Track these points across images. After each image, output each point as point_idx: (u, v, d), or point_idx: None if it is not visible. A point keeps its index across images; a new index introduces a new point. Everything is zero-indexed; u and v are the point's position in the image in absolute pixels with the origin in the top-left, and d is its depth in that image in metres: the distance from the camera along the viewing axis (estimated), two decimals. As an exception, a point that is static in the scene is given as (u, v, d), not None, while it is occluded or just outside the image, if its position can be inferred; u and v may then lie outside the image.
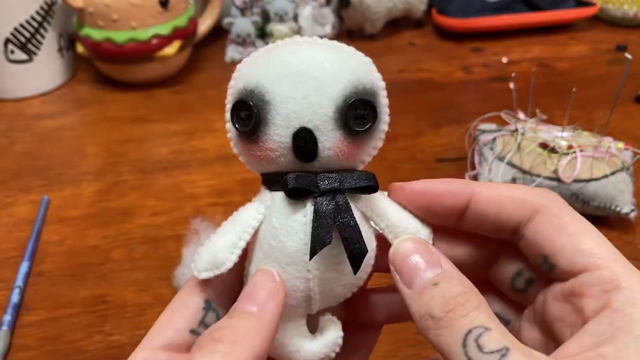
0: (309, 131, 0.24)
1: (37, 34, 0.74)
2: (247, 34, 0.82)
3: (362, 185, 0.25)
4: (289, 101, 0.24)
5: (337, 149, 0.24)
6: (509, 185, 0.27)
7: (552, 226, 0.25)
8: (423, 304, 0.24)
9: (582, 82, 0.76)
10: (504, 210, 0.26)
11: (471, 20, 0.87)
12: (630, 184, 0.53)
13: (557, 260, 0.24)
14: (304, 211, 0.25)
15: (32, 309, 0.46)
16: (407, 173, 0.60)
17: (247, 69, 0.25)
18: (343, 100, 0.24)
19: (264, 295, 0.25)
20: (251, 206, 0.26)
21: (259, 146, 0.24)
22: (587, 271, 0.24)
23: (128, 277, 0.49)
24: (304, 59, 0.24)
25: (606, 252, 0.24)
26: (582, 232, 0.25)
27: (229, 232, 0.26)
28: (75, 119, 0.73)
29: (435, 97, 0.75)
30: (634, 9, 0.89)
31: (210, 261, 0.25)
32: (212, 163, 0.63)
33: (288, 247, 0.25)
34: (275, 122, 0.24)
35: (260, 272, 0.25)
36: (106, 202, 0.58)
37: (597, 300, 0.23)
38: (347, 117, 0.24)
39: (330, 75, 0.24)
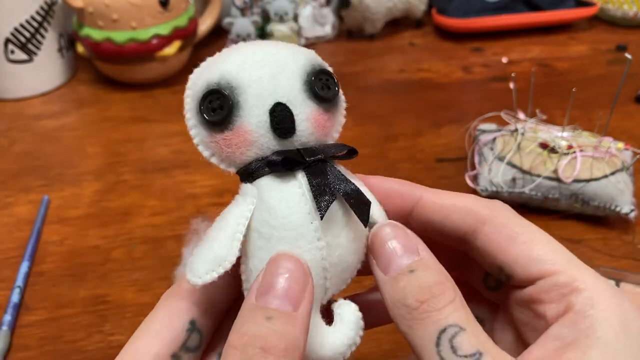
0: (284, 105, 0.25)
1: (37, 34, 0.74)
2: (247, 34, 0.82)
3: (344, 151, 0.26)
4: (258, 81, 0.25)
5: (312, 120, 0.25)
6: (458, 195, 0.27)
7: (503, 236, 0.25)
8: (397, 290, 0.23)
9: (582, 82, 0.76)
10: (449, 218, 0.26)
11: (471, 20, 0.87)
12: (630, 184, 0.53)
13: (512, 270, 0.24)
14: (296, 183, 0.25)
15: (32, 309, 0.46)
16: (407, 173, 0.60)
17: (203, 71, 0.26)
18: (306, 74, 0.25)
19: (297, 291, 0.23)
20: (237, 202, 0.26)
21: (236, 132, 0.25)
22: (544, 277, 0.24)
23: (128, 277, 0.49)
24: (261, 49, 0.26)
25: (560, 257, 0.24)
26: (533, 239, 0.24)
27: (222, 229, 0.25)
28: (75, 119, 0.73)
29: (435, 97, 0.75)
30: (634, 9, 0.89)
31: (211, 260, 0.24)
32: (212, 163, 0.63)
33: (293, 220, 0.24)
34: (249, 104, 0.24)
35: (283, 258, 0.24)
36: (106, 202, 0.58)
37: (558, 304, 0.23)
38: (314, 86, 0.25)
39: (289, 57, 0.26)
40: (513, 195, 0.53)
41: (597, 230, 0.53)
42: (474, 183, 0.55)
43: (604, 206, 0.51)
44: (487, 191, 0.53)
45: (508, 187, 0.53)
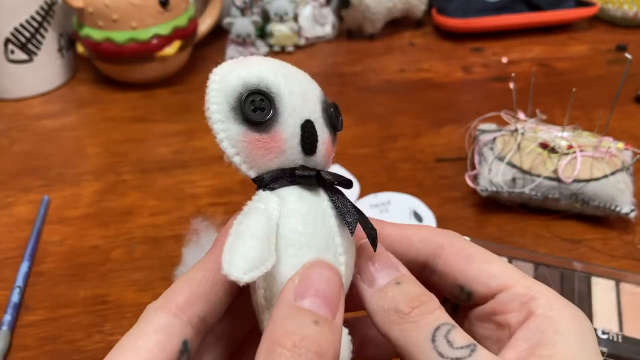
0: (312, 124, 0.26)
1: (37, 34, 0.74)
2: (247, 34, 0.82)
3: (347, 180, 0.27)
4: (293, 94, 0.25)
5: (326, 144, 0.26)
6: (417, 226, 0.29)
7: (461, 258, 0.27)
8: (387, 300, 0.25)
9: (582, 82, 0.76)
10: (413, 247, 0.28)
11: (471, 20, 0.87)
12: (630, 184, 0.53)
13: (473, 287, 0.27)
14: (320, 199, 0.26)
15: (32, 309, 0.46)
16: (407, 173, 0.60)
17: (235, 69, 0.25)
18: (324, 101, 0.27)
19: (335, 300, 0.23)
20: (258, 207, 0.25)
21: (272, 136, 0.25)
22: (502, 290, 0.26)
23: (128, 277, 0.49)
24: (286, 65, 0.26)
25: (513, 273, 0.26)
26: (487, 260, 0.27)
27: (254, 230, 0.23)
28: (75, 119, 0.73)
29: (435, 97, 0.75)
30: (634, 9, 0.89)
31: (252, 259, 0.22)
32: (212, 163, 0.63)
33: (323, 231, 0.25)
34: (286, 112, 0.25)
35: (322, 264, 0.24)
36: (106, 202, 0.58)
37: (519, 312, 0.25)
38: (331, 115, 0.27)
39: (309, 81, 0.27)
40: (513, 195, 0.53)
41: (597, 230, 0.53)
42: (474, 183, 0.55)
43: (604, 206, 0.51)
44: (487, 191, 0.53)
45: (508, 187, 0.53)
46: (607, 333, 0.41)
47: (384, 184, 0.58)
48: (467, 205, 0.56)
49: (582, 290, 0.45)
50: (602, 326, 0.42)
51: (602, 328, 0.42)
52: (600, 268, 0.47)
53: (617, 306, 0.43)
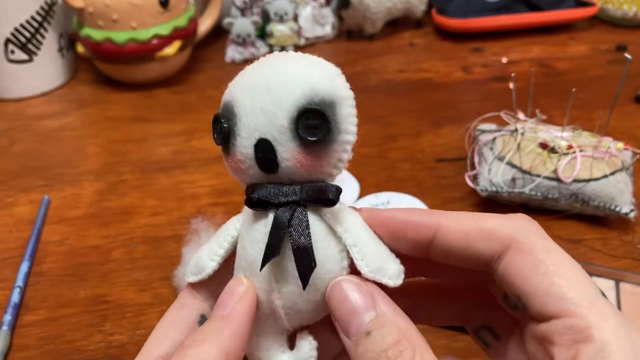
0: (268, 142, 0.24)
1: (38, 34, 0.74)
2: (247, 34, 0.82)
3: (319, 198, 0.25)
4: (249, 113, 0.25)
5: (294, 160, 0.24)
6: (479, 216, 0.25)
7: (524, 264, 0.23)
8: (359, 355, 0.23)
9: (582, 82, 0.76)
10: (472, 246, 0.24)
11: (471, 20, 0.87)
12: (630, 184, 0.53)
13: (529, 301, 0.23)
14: (265, 221, 0.26)
15: (33, 309, 0.46)
16: (407, 173, 0.60)
17: (231, 83, 0.26)
18: (297, 111, 0.24)
19: (232, 299, 0.25)
20: (235, 217, 0.28)
21: (232, 157, 0.26)
22: (559, 317, 0.22)
23: (128, 277, 0.49)
24: (264, 73, 0.25)
25: (581, 295, 0.22)
26: (556, 270, 0.23)
27: (213, 240, 0.27)
28: (75, 119, 0.73)
29: (435, 97, 0.75)
30: (633, 9, 0.89)
31: (195, 266, 0.27)
32: (212, 163, 0.63)
33: (252, 255, 0.26)
34: (241, 134, 0.25)
35: (232, 280, 0.26)
36: (106, 202, 0.58)
37: (568, 350, 0.22)
38: (298, 127, 0.24)
39: (285, 86, 0.24)
40: (513, 195, 0.53)
41: (597, 230, 0.53)
42: (474, 183, 0.55)
43: (603, 206, 0.51)
44: (487, 191, 0.54)
45: (508, 187, 0.53)
46: (607, 333, 0.41)
47: (384, 184, 0.58)
48: (467, 205, 0.56)
49: (582, 290, 0.45)
50: (602, 326, 0.42)
51: (602, 328, 0.42)
52: (600, 268, 0.47)
53: (617, 306, 0.43)
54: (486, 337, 0.28)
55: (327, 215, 0.26)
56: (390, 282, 0.25)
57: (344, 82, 0.26)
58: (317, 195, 0.25)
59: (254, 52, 0.83)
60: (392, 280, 0.25)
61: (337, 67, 0.26)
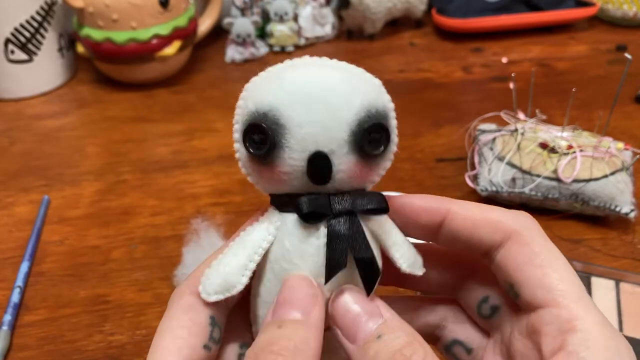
0: (324, 155, 0.24)
1: (37, 34, 0.74)
2: (247, 34, 0.82)
3: (373, 207, 0.25)
4: (304, 125, 0.24)
5: (350, 172, 0.25)
6: (486, 207, 0.26)
7: (521, 255, 0.25)
8: (370, 358, 0.23)
9: (582, 82, 0.76)
10: (477, 233, 0.26)
11: (471, 20, 0.87)
12: (630, 184, 0.53)
13: (520, 290, 0.24)
14: (317, 234, 0.25)
15: (33, 309, 0.46)
16: (407, 173, 0.60)
17: (257, 90, 0.25)
18: (357, 124, 0.24)
19: (306, 300, 0.24)
20: (260, 227, 0.26)
21: (272, 169, 0.24)
22: (547, 307, 0.23)
23: (128, 277, 0.49)
24: (316, 82, 0.24)
25: (569, 289, 0.24)
26: (549, 264, 0.24)
27: (239, 253, 0.25)
28: (75, 119, 0.73)
29: (435, 97, 0.75)
30: (633, 9, 0.89)
31: (221, 284, 0.25)
32: (212, 163, 0.63)
33: (302, 271, 0.25)
34: (290, 146, 0.24)
35: (296, 277, 0.25)
36: (106, 202, 0.58)
37: (554, 340, 0.23)
38: (362, 141, 0.24)
39: (344, 99, 0.24)
40: (513, 195, 0.53)
41: (597, 230, 0.53)
42: (474, 183, 0.55)
43: (603, 206, 0.51)
44: (487, 191, 0.53)
45: (508, 187, 0.53)
46: (607, 333, 0.41)
47: (384, 184, 0.58)
48: (467, 205, 0.56)
49: (582, 290, 0.45)
50: (602, 326, 0.42)
51: (602, 328, 0.42)
52: (600, 268, 0.47)
53: (617, 306, 0.43)
54: (459, 352, 0.29)
55: (370, 222, 0.26)
56: (420, 272, 0.27)
57: (387, 93, 0.27)
58: (369, 205, 0.25)
59: (254, 52, 0.83)
60: (420, 270, 0.27)
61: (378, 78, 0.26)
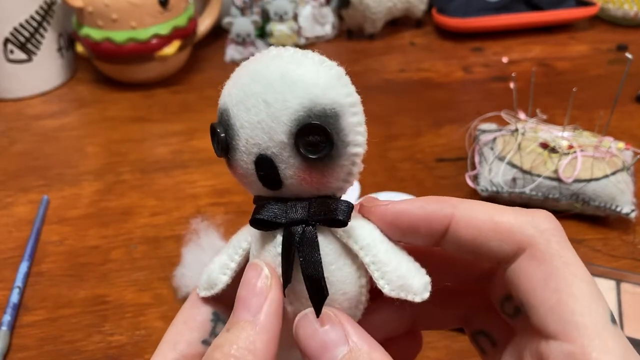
0: (268, 158, 0.22)
1: (37, 34, 0.74)
2: (247, 33, 0.82)
3: (328, 219, 0.23)
4: (246, 126, 0.22)
5: (299, 178, 0.22)
6: (496, 210, 0.23)
7: (536, 273, 0.21)
8: None
9: (582, 82, 0.76)
10: (486, 244, 0.22)
11: (471, 20, 0.87)
12: (631, 184, 0.53)
13: (531, 314, 0.21)
14: (274, 242, 0.24)
15: (32, 309, 0.46)
16: (407, 173, 0.60)
17: (225, 87, 0.24)
18: (296, 125, 0.21)
19: (258, 299, 0.22)
20: (244, 229, 0.26)
21: (234, 169, 0.24)
22: (558, 340, 0.20)
23: (128, 277, 0.49)
24: (259, 79, 0.22)
25: (588, 322, 0.20)
26: (567, 288, 0.21)
27: (223, 253, 0.26)
28: (75, 118, 0.73)
29: (435, 97, 0.75)
30: (634, 9, 0.89)
31: (206, 281, 0.26)
32: (212, 163, 0.63)
33: None
34: (239, 148, 0.23)
35: (250, 267, 0.24)
36: (106, 202, 0.58)
37: None
38: (299, 144, 0.22)
39: (282, 97, 0.22)
40: (513, 195, 0.53)
41: (598, 230, 0.53)
42: (474, 183, 0.55)
43: (604, 206, 0.51)
44: (487, 191, 0.53)
45: (508, 187, 0.53)
46: (608, 333, 0.41)
47: (384, 184, 0.58)
48: (468, 205, 0.56)
49: (583, 290, 0.45)
50: (603, 326, 0.42)
51: (603, 328, 0.42)
52: (601, 268, 0.47)
53: (618, 306, 0.43)
54: (483, 343, 0.27)
55: (339, 232, 0.24)
56: (417, 297, 0.23)
57: (348, 86, 0.23)
58: (325, 215, 0.23)
59: (253, 52, 0.83)
60: (418, 295, 0.23)
61: (340, 67, 0.23)
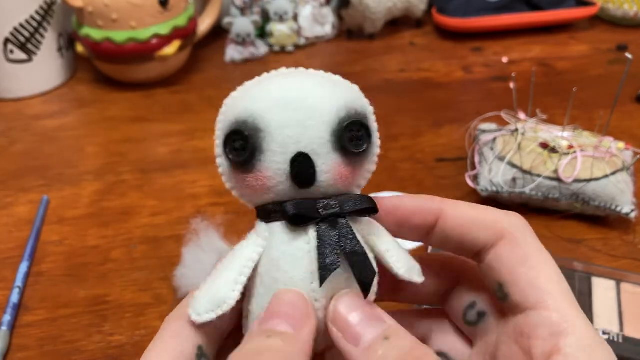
0: (307, 155, 0.24)
1: (37, 34, 0.74)
2: (247, 34, 0.82)
3: (362, 208, 0.25)
4: (284, 127, 0.24)
5: (335, 172, 0.24)
6: (478, 207, 0.26)
7: (513, 255, 0.25)
8: (379, 358, 0.23)
9: (582, 82, 0.76)
10: (471, 232, 0.26)
11: (471, 20, 0.87)
12: (631, 184, 0.53)
13: (511, 290, 0.24)
14: (306, 238, 0.25)
15: (32, 309, 0.46)
16: (407, 173, 0.60)
17: (236, 102, 0.25)
18: (338, 123, 0.24)
19: (298, 315, 0.23)
20: (248, 242, 0.25)
21: (256, 175, 0.24)
22: (537, 309, 0.23)
23: (128, 277, 0.49)
24: (295, 87, 0.24)
25: (559, 292, 0.24)
26: (540, 266, 0.24)
27: (228, 268, 0.25)
28: (75, 119, 0.73)
29: (435, 97, 0.75)
30: (634, 9, 0.89)
31: (211, 301, 0.24)
32: (212, 163, 0.62)
33: (293, 277, 0.24)
34: (271, 149, 0.24)
35: (289, 291, 0.24)
36: (106, 202, 0.58)
37: (545, 342, 0.23)
38: (343, 139, 0.24)
39: (323, 100, 0.24)
40: (513, 195, 0.53)
41: (598, 230, 0.53)
42: (474, 183, 0.55)
43: (604, 206, 0.51)
44: (487, 191, 0.53)
45: (508, 187, 0.53)
46: (608, 333, 0.41)
47: (384, 184, 0.58)
48: (468, 205, 0.56)
49: (583, 290, 0.45)
50: (603, 326, 0.42)
51: (603, 328, 0.42)
52: (601, 268, 0.47)
53: (618, 306, 0.43)
54: None
55: (360, 226, 0.26)
56: (420, 279, 0.27)
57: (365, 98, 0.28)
58: (357, 206, 0.25)
59: (253, 52, 0.83)
60: (420, 277, 0.27)
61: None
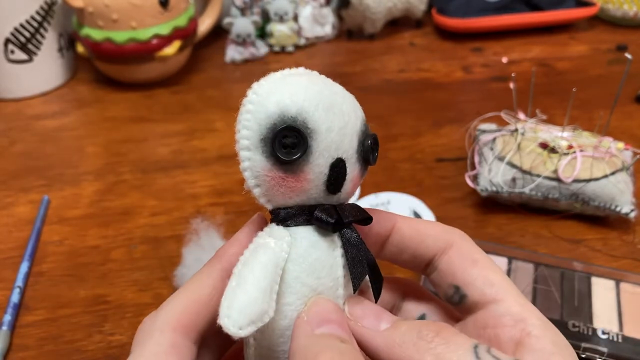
0: (343, 162, 0.24)
1: (37, 34, 0.74)
2: (247, 34, 0.82)
3: (366, 217, 0.26)
4: (331, 130, 0.23)
5: (354, 181, 0.25)
6: (427, 221, 0.29)
7: (465, 260, 0.27)
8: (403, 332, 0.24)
9: (582, 82, 0.76)
10: (423, 241, 0.28)
11: (471, 20, 0.87)
12: (630, 184, 0.53)
13: (468, 290, 0.27)
14: (333, 245, 0.25)
15: (32, 309, 0.46)
16: (407, 173, 0.60)
17: (274, 95, 0.23)
18: (362, 134, 0.25)
19: (346, 325, 0.25)
20: (268, 246, 0.24)
21: (297, 176, 0.23)
22: (496, 302, 0.26)
23: (128, 277, 0.49)
24: (330, 91, 0.24)
25: (511, 287, 0.26)
26: (489, 267, 0.27)
27: (258, 277, 0.23)
28: (75, 119, 0.73)
29: (435, 97, 0.75)
30: (634, 9, 0.89)
31: (249, 314, 0.22)
32: (212, 163, 0.63)
33: (324, 283, 0.25)
34: (318, 151, 0.23)
35: (327, 300, 0.25)
36: (106, 202, 0.58)
37: (512, 328, 0.25)
38: (366, 150, 0.25)
39: (353, 110, 0.25)
40: (513, 195, 0.53)
41: (597, 230, 0.53)
42: (474, 183, 0.55)
43: (604, 206, 0.51)
44: (487, 191, 0.53)
45: (508, 187, 0.53)
46: (607, 333, 0.41)
47: (384, 184, 0.58)
48: (467, 205, 0.56)
49: (582, 290, 0.45)
50: (602, 326, 0.42)
51: (602, 328, 0.42)
52: (601, 268, 0.47)
53: (617, 306, 0.43)
54: None
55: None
56: None
57: None
58: (360, 215, 0.26)
59: (254, 52, 0.83)
60: None
61: None
